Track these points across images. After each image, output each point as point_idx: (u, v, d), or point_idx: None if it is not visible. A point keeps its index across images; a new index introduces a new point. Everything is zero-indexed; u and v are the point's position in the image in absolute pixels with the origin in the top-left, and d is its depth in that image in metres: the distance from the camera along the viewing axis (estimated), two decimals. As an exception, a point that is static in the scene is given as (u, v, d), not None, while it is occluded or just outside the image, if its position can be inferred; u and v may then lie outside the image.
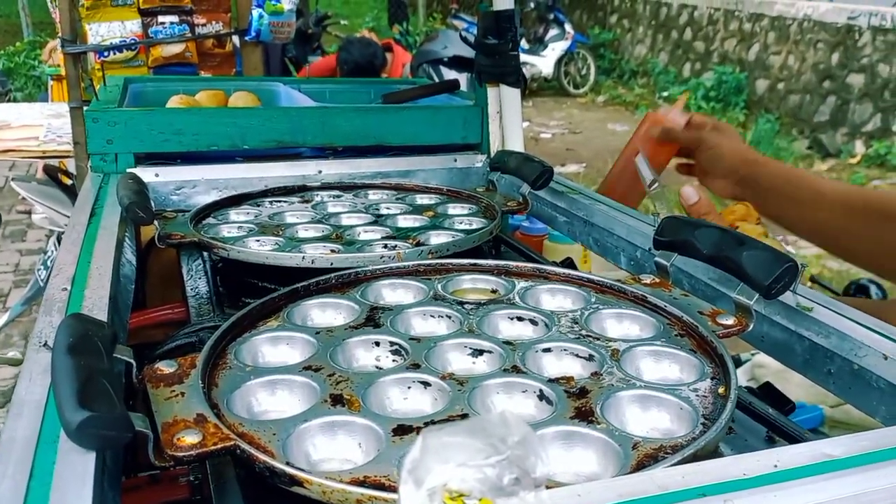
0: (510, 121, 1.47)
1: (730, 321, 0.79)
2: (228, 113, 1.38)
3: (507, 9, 1.40)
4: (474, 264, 0.97)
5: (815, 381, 0.81)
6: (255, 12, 2.72)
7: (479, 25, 1.46)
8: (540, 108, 11.10)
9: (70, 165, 3.06)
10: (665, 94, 10.92)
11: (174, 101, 1.58)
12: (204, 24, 2.76)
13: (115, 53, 2.65)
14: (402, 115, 1.48)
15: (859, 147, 8.88)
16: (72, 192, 2.86)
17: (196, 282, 1.14)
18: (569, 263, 1.37)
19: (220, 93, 1.70)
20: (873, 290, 1.88)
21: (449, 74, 4.01)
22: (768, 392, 0.91)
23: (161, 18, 2.69)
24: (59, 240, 2.91)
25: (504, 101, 1.46)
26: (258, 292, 1.07)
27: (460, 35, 3.67)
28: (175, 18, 2.70)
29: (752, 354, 2.03)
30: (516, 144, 1.47)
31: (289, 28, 2.81)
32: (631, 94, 11.32)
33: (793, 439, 0.75)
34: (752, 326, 0.80)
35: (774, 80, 9.81)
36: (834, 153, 8.96)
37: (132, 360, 0.66)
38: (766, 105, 9.82)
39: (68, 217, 2.14)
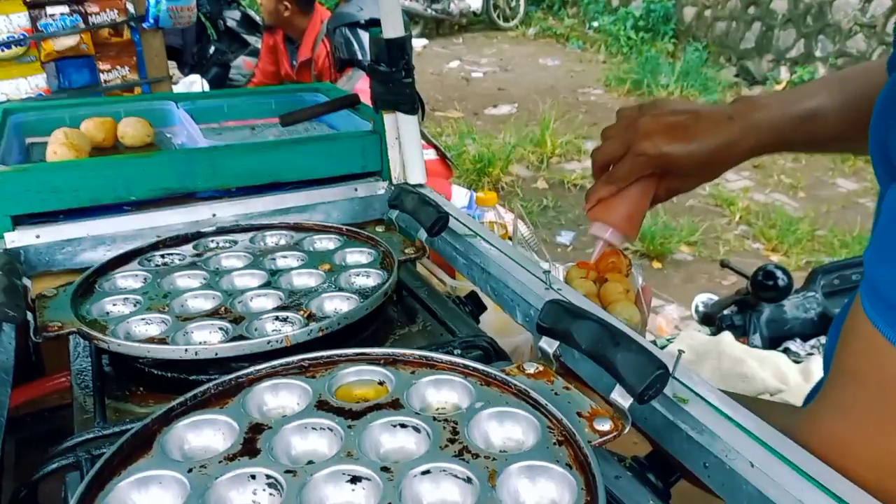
0: (409, 149, 1.43)
1: (606, 427, 0.80)
2: (108, 164, 1.31)
3: (398, 37, 1.35)
4: (361, 354, 0.95)
5: (693, 471, 0.83)
6: (152, -3, 2.57)
7: (371, 50, 1.41)
8: (470, 45, 10.93)
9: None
10: (595, 24, 10.85)
11: (56, 137, 1.49)
12: (98, 13, 2.60)
13: (3, 50, 2.49)
14: (297, 149, 1.43)
15: (784, 73, 9.00)
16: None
17: (83, 363, 1.10)
18: (473, 297, 1.37)
19: (107, 120, 1.62)
20: (779, 275, 1.93)
21: (367, 38, 3.88)
22: (654, 462, 0.93)
23: (50, 10, 2.52)
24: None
25: (401, 129, 1.42)
26: (146, 380, 1.05)
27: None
28: (65, 9, 2.54)
29: (668, 340, 2.07)
30: (417, 174, 1.44)
31: (189, 12, 2.67)
32: (561, 26, 11.23)
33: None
34: (627, 429, 0.81)
35: (702, 8, 9.82)
36: (760, 80, 9.07)
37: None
38: (693, 33, 9.84)
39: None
